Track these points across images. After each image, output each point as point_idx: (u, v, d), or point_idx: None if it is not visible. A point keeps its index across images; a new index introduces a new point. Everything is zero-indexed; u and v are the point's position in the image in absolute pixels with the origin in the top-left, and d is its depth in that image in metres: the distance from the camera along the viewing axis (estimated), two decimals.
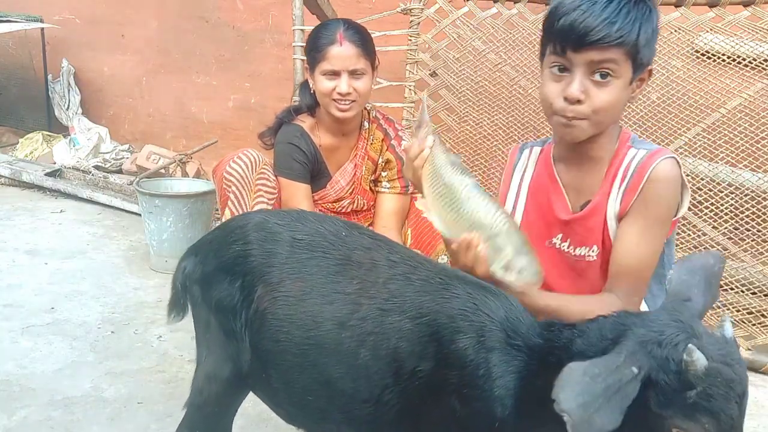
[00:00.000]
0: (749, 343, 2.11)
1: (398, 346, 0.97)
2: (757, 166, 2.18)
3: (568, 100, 1.10)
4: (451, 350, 0.93)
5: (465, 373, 0.92)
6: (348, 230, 1.10)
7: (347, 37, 1.79)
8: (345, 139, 1.99)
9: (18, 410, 1.57)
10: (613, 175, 1.17)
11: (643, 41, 1.08)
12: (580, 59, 1.08)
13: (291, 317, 1.03)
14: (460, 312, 0.95)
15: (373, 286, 1.02)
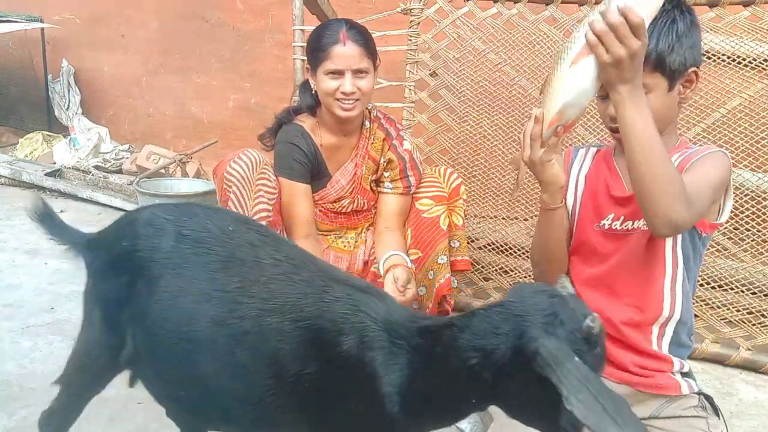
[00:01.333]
0: (749, 343, 2.11)
1: (279, 348, 0.96)
2: (757, 166, 2.18)
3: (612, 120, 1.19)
4: (335, 352, 0.94)
5: (352, 374, 0.93)
6: (236, 225, 1.09)
7: (350, 37, 1.79)
8: (346, 139, 1.99)
9: (18, 410, 1.57)
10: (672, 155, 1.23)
11: (666, 49, 1.16)
12: None
13: (167, 313, 1.02)
14: (341, 315, 0.96)
15: (255, 285, 1.00)
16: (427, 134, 2.59)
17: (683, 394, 1.26)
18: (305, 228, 1.93)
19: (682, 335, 1.29)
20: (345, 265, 2.05)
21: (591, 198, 1.37)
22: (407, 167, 2.00)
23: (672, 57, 1.17)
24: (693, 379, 1.30)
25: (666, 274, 1.26)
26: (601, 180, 1.36)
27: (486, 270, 2.50)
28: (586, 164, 1.43)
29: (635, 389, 1.27)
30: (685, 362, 1.30)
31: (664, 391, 1.26)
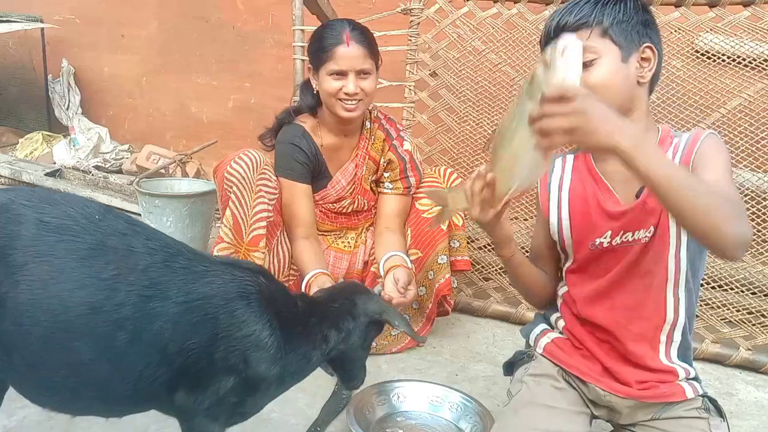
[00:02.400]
0: (749, 343, 2.11)
1: (163, 328, 1.04)
2: (757, 166, 2.18)
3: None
4: (230, 324, 1.07)
5: (246, 339, 1.09)
6: (102, 214, 1.09)
7: (354, 38, 1.78)
8: (347, 139, 1.99)
9: (18, 410, 1.57)
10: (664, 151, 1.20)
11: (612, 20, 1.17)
12: None
13: (35, 301, 1.01)
14: (229, 290, 1.08)
15: (132, 273, 1.03)
16: (427, 134, 2.59)
17: (688, 398, 1.24)
18: (306, 228, 1.93)
19: (688, 336, 1.27)
20: (345, 265, 2.06)
21: (582, 216, 1.30)
22: (407, 168, 2.00)
23: (620, 27, 1.18)
24: (699, 381, 1.28)
25: (669, 279, 1.22)
26: (589, 195, 1.28)
27: (486, 270, 2.50)
28: (567, 176, 1.34)
29: (644, 401, 1.25)
30: (691, 368, 1.28)
31: (668, 399, 1.25)
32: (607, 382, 1.27)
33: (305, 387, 1.79)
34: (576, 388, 1.32)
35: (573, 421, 1.28)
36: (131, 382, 1.06)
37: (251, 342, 1.09)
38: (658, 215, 1.21)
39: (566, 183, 1.34)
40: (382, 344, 2.02)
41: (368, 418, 1.59)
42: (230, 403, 1.12)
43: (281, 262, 1.97)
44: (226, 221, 1.88)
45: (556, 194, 1.34)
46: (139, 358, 1.04)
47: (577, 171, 1.33)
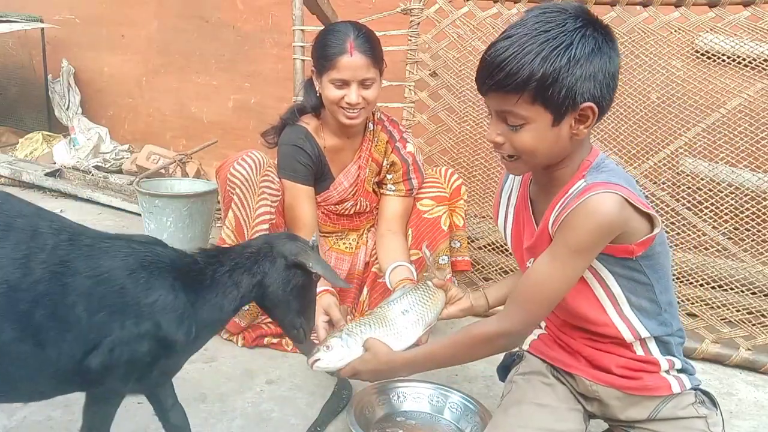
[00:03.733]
0: (749, 343, 2.11)
1: (77, 302, 1.08)
2: (757, 166, 2.18)
3: (493, 144, 1.16)
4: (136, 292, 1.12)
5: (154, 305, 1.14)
6: (4, 199, 1.14)
7: (357, 47, 1.75)
8: (349, 141, 1.98)
9: (18, 410, 1.57)
10: (557, 201, 1.16)
11: (549, 76, 1.02)
12: (490, 105, 1.13)
13: None
14: (131, 262, 1.14)
15: (42, 251, 1.08)
16: (427, 134, 2.59)
17: (674, 393, 1.22)
18: (308, 231, 1.92)
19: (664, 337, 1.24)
20: (346, 267, 2.05)
21: (517, 238, 1.32)
22: (410, 170, 1.99)
23: (556, 86, 1.03)
24: (688, 374, 1.26)
25: (606, 306, 1.20)
26: (522, 220, 1.30)
27: (486, 270, 2.50)
28: (514, 193, 1.34)
29: (625, 392, 1.24)
30: (676, 359, 1.25)
31: (654, 393, 1.23)
32: (590, 371, 1.27)
33: (305, 387, 1.80)
34: (565, 383, 1.32)
35: (565, 419, 1.27)
36: (53, 360, 1.09)
37: (158, 306, 1.14)
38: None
39: (513, 196, 1.34)
40: None
41: (368, 418, 1.59)
42: (144, 363, 1.17)
43: None
44: (228, 223, 1.88)
45: (504, 205, 1.36)
46: (58, 334, 1.08)
47: (521, 188, 1.33)
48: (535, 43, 1.03)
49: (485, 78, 1.08)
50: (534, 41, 1.03)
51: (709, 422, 1.21)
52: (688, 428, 1.21)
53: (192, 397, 1.69)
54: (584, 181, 1.13)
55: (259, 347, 2.00)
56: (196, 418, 1.60)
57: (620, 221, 1.08)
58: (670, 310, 1.25)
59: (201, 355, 1.93)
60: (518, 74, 1.03)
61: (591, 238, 1.08)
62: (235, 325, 1.97)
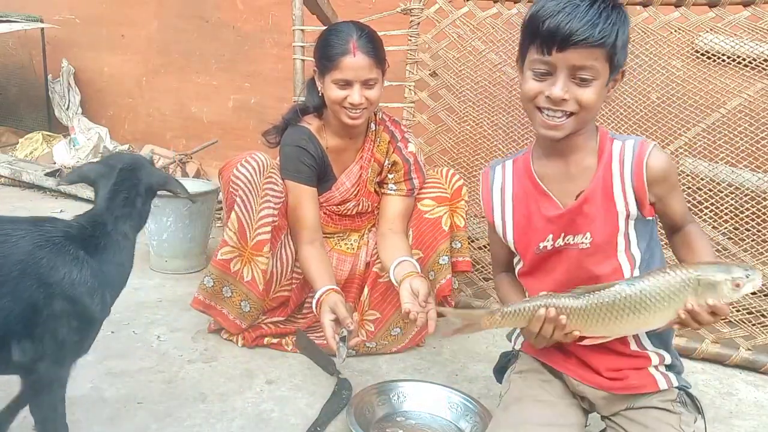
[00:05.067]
0: (749, 343, 2.11)
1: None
2: (757, 167, 2.18)
3: (552, 101, 1.15)
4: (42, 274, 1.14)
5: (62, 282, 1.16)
6: None
7: (360, 47, 1.75)
8: (351, 142, 1.98)
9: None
10: (607, 164, 1.21)
11: (620, 44, 1.14)
12: (563, 61, 1.12)
13: None
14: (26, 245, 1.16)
15: None
16: (427, 134, 2.59)
17: (660, 389, 1.23)
18: (311, 232, 1.92)
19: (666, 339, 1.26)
20: (348, 268, 2.05)
21: (526, 221, 1.31)
22: (411, 170, 1.99)
23: (621, 53, 1.16)
24: (677, 373, 1.26)
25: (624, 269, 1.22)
26: (530, 199, 1.29)
27: (486, 270, 2.50)
28: (509, 182, 1.34)
29: (611, 393, 1.25)
30: (668, 354, 1.26)
31: (639, 391, 1.24)
32: (578, 371, 1.28)
33: (305, 387, 1.80)
34: (561, 379, 1.33)
35: (564, 413, 1.28)
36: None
37: (67, 283, 1.16)
38: (594, 224, 1.21)
39: (508, 188, 1.34)
40: (382, 344, 2.02)
41: (368, 418, 1.59)
42: (72, 342, 1.21)
43: (284, 265, 1.97)
44: (231, 224, 1.87)
45: (499, 199, 1.35)
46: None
47: (517, 175, 1.33)
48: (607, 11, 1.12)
49: (574, 31, 1.09)
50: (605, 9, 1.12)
51: (682, 420, 1.21)
52: (657, 419, 1.21)
53: (192, 397, 1.69)
54: (622, 142, 1.22)
55: (259, 347, 2.00)
56: (196, 418, 1.60)
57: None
58: None
59: (201, 355, 1.94)
60: (609, 31, 1.11)
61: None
62: (235, 326, 1.97)
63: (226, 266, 1.91)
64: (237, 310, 1.94)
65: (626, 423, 1.25)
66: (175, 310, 2.25)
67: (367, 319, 2.00)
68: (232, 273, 1.91)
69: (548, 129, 1.18)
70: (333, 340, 1.66)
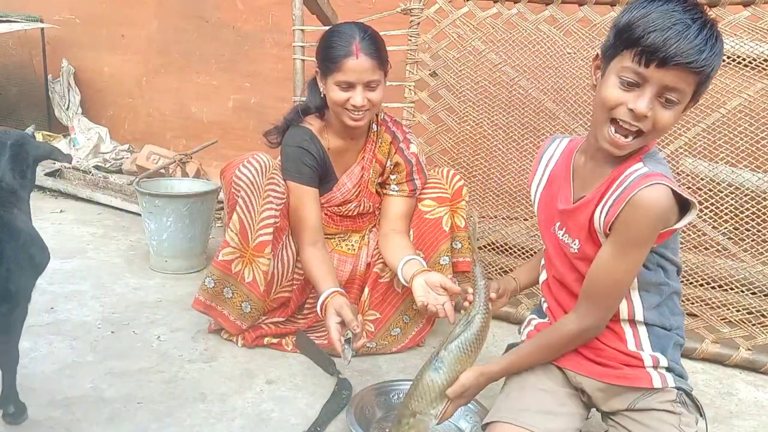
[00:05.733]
0: (749, 343, 2.11)
1: None
2: (757, 167, 2.18)
3: (634, 114, 1.10)
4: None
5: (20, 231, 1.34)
6: None
7: (363, 49, 1.74)
8: (353, 142, 1.98)
9: None
10: (611, 180, 1.19)
11: (713, 75, 1.10)
12: (658, 77, 1.07)
13: None
14: None
15: None
16: (427, 134, 2.59)
17: (655, 387, 1.23)
18: (313, 234, 1.92)
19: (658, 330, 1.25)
20: (348, 268, 2.05)
21: (550, 199, 1.35)
22: (413, 170, 1.99)
23: (708, 84, 1.12)
24: (674, 374, 1.25)
25: None
26: (557, 185, 1.34)
27: (487, 270, 2.50)
28: (555, 158, 1.38)
29: (607, 383, 1.25)
30: (662, 357, 1.25)
31: (633, 383, 1.23)
32: (574, 359, 1.29)
33: (305, 387, 1.80)
34: (561, 370, 1.33)
35: (565, 402, 1.29)
36: None
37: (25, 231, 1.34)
38: (583, 233, 1.23)
39: (552, 163, 1.38)
40: (382, 344, 2.02)
41: (368, 418, 1.59)
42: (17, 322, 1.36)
43: (285, 266, 1.97)
44: (232, 225, 1.87)
45: (542, 169, 1.40)
46: None
47: (563, 156, 1.36)
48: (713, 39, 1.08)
49: (681, 52, 1.05)
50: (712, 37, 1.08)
51: (681, 420, 1.21)
52: (658, 420, 1.21)
53: (192, 397, 1.69)
54: (642, 165, 1.17)
55: (259, 347, 2.00)
56: (196, 418, 1.60)
57: (670, 215, 1.14)
58: (670, 304, 1.27)
59: (201, 354, 1.94)
60: (711, 60, 1.07)
61: (651, 230, 1.14)
62: (235, 326, 1.97)
63: (228, 267, 1.91)
64: (238, 311, 1.94)
65: (628, 422, 1.25)
66: (175, 310, 2.25)
67: (367, 319, 2.00)
68: (233, 274, 1.91)
69: (612, 146, 1.15)
70: (338, 343, 1.65)
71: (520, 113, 2.46)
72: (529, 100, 2.44)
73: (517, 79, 2.44)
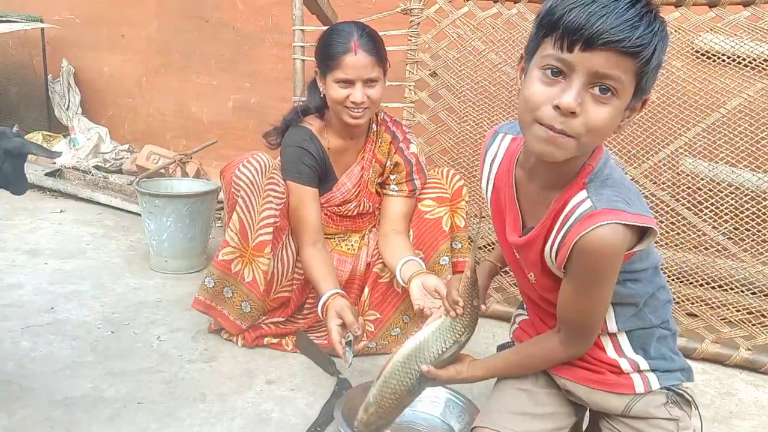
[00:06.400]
0: (749, 343, 2.11)
1: None
2: (757, 167, 2.18)
3: (561, 110, 0.93)
4: None
5: None
6: None
7: (362, 46, 1.75)
8: (353, 142, 1.98)
9: (18, 410, 1.57)
10: (555, 214, 1.07)
11: (654, 64, 0.93)
12: (585, 63, 0.91)
13: None
14: None
15: None
16: (427, 134, 2.59)
17: (638, 392, 1.19)
18: (313, 234, 1.92)
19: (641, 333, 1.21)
20: (348, 268, 2.05)
21: (499, 211, 1.24)
22: (413, 170, 2.00)
23: (651, 75, 0.95)
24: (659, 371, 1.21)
25: None
26: (506, 198, 1.20)
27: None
28: (498, 159, 1.24)
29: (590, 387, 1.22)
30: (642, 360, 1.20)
31: (615, 390, 1.20)
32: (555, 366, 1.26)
33: (305, 387, 1.80)
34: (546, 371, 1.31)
35: (544, 402, 1.26)
36: None
37: None
38: (537, 266, 1.16)
39: (496, 164, 1.25)
40: (382, 344, 2.02)
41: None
42: None
43: (285, 266, 1.97)
44: (232, 225, 1.87)
45: (488, 169, 1.28)
46: None
47: (505, 160, 1.22)
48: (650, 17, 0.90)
49: (608, 29, 0.88)
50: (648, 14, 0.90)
51: (680, 425, 1.19)
52: (660, 428, 1.19)
53: (192, 397, 1.69)
54: (587, 194, 1.04)
55: (259, 347, 2.00)
56: (196, 418, 1.60)
57: (627, 246, 1.04)
58: (652, 303, 1.20)
59: (201, 355, 1.94)
60: (649, 40, 0.90)
61: (608, 270, 1.06)
62: (235, 326, 1.97)
63: (227, 267, 1.91)
64: (237, 310, 1.94)
65: (624, 428, 1.22)
66: (175, 310, 2.25)
67: (367, 319, 2.00)
68: (233, 273, 1.91)
69: (546, 144, 0.97)
70: (339, 344, 1.65)
71: None
72: None
73: (517, 79, 2.44)
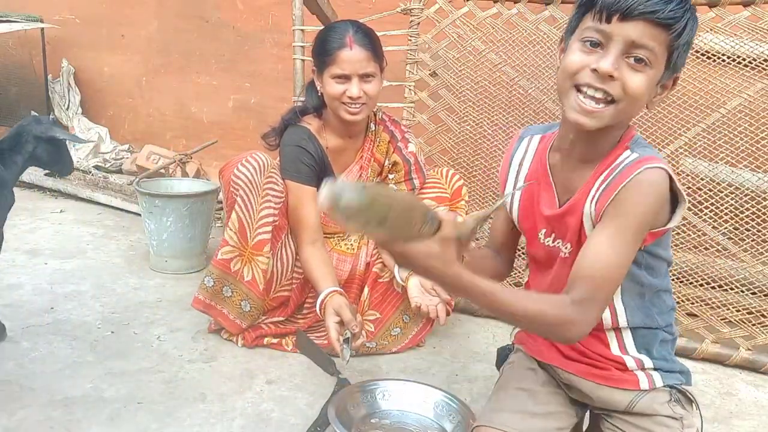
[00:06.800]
0: (749, 343, 2.11)
1: None
2: (757, 167, 2.18)
3: (599, 74, 1.01)
4: None
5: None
6: None
7: (357, 41, 1.77)
8: (351, 141, 1.98)
9: (18, 410, 1.57)
10: (599, 173, 1.11)
11: (685, 40, 1.01)
12: (622, 32, 0.99)
13: None
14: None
15: None
16: (427, 134, 2.59)
17: (642, 389, 1.20)
18: (312, 233, 1.92)
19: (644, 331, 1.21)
20: (348, 268, 2.05)
21: (529, 206, 1.25)
22: (412, 170, 2.00)
23: (682, 51, 1.03)
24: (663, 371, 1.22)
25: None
26: (536, 189, 1.24)
27: None
28: (528, 159, 1.27)
29: (595, 382, 1.22)
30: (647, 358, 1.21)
31: (620, 385, 1.20)
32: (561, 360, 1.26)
33: (305, 387, 1.80)
34: (547, 369, 1.32)
35: (545, 401, 1.26)
36: None
37: None
38: (576, 235, 1.16)
39: (525, 165, 1.27)
40: (382, 344, 2.02)
41: (351, 415, 1.56)
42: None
43: (284, 265, 1.97)
44: (231, 224, 1.88)
45: (515, 172, 1.28)
46: None
47: (537, 155, 1.26)
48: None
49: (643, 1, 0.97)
50: None
51: (684, 423, 1.19)
52: (664, 426, 1.19)
53: (192, 397, 1.69)
54: (631, 152, 1.09)
55: (259, 347, 2.01)
56: (196, 418, 1.60)
57: (667, 199, 1.07)
58: (657, 303, 1.21)
59: (201, 355, 1.94)
60: (681, 14, 0.99)
61: (651, 211, 1.06)
62: (235, 326, 1.97)
63: (227, 266, 1.91)
64: (237, 309, 1.94)
65: (627, 427, 1.22)
66: (175, 310, 2.25)
67: (367, 319, 2.01)
68: (233, 273, 1.91)
69: (582, 114, 1.04)
70: (337, 342, 1.66)
71: (520, 113, 2.46)
72: (529, 100, 2.44)
73: (517, 79, 2.44)
